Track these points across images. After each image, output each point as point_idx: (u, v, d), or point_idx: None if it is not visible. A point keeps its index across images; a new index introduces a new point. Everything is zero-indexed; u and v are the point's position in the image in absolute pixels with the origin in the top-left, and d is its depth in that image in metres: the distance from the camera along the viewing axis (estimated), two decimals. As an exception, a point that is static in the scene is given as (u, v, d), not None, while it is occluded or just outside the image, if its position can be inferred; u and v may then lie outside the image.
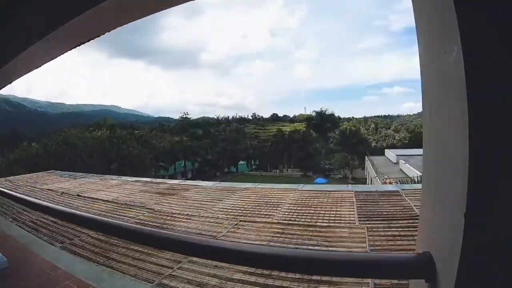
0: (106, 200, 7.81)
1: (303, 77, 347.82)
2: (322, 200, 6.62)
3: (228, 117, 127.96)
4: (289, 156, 66.62)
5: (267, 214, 5.92)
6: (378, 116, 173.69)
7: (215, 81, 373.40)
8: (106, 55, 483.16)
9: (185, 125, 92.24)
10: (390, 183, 25.21)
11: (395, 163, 40.12)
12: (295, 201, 6.57)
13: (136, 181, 10.60)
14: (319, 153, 66.31)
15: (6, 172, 23.35)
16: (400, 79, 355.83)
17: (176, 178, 58.21)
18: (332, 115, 77.26)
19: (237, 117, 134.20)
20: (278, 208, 6.12)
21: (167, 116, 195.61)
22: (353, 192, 7.24)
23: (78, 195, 8.55)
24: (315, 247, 4.33)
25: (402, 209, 5.95)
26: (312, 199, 6.68)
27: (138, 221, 6.02)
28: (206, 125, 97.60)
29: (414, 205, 6.04)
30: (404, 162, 34.60)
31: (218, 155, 65.74)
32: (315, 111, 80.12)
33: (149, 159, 47.16)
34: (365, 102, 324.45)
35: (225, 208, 6.40)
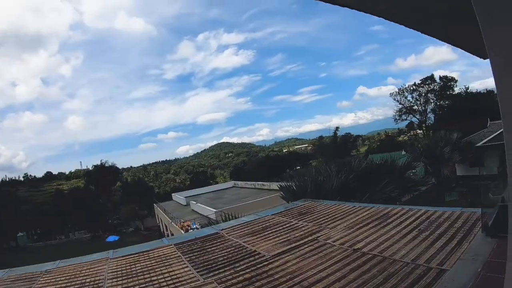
0: None
1: (76, 130, 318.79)
2: (144, 264, 5.51)
3: None
4: (74, 218, 58.79)
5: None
6: (156, 163, 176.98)
7: None
8: None
9: None
10: (188, 225, 25.44)
11: (185, 205, 40.69)
12: (115, 274, 5.21)
13: None
14: (105, 209, 61.83)
15: None
16: (174, 124, 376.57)
17: None
18: (112, 166, 73.54)
19: (7, 179, 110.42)
20: (98, 291, 4.69)
21: None
22: (173, 245, 6.45)
23: None
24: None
25: (234, 250, 5.59)
26: (133, 266, 5.48)
27: None
28: None
29: (243, 242, 5.85)
30: (195, 202, 35.42)
31: None
32: (94, 164, 75.16)
33: None
34: (142, 150, 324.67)
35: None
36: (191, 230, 24.02)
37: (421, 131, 66.86)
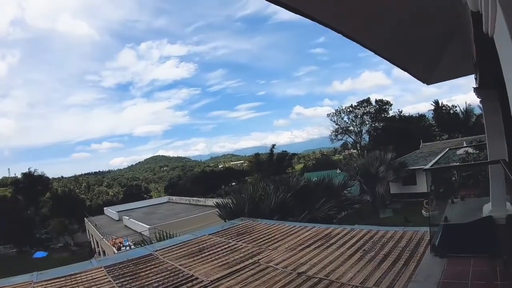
0: None
1: (7, 133, 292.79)
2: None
3: None
4: (-1, 231, 53.30)
5: None
6: (88, 173, 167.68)
7: None
8: None
9: None
10: (121, 242, 23.97)
11: (117, 220, 39.54)
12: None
13: None
14: (33, 222, 57.26)
15: None
16: (110, 135, 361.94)
17: None
18: (42, 176, 68.52)
19: None
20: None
21: None
22: (103, 268, 5.81)
23: None
24: None
25: (170, 274, 5.15)
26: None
27: None
28: None
29: (180, 265, 5.37)
30: (127, 217, 34.31)
31: None
32: (22, 172, 69.42)
33: None
34: (74, 160, 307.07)
35: None
36: (124, 248, 22.86)
37: (356, 151, 69.92)
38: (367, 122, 65.90)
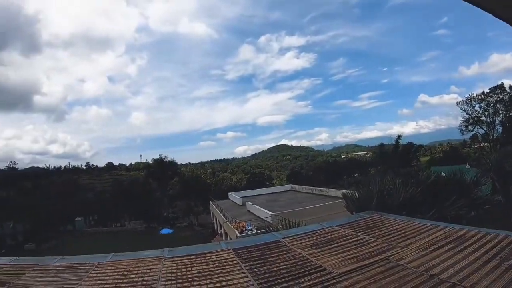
0: None
1: (139, 125, 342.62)
2: (201, 268, 5.28)
3: (60, 167, 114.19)
4: (130, 208, 61.80)
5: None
6: (214, 161, 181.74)
7: (48, 127, 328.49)
8: None
9: (12, 176, 75.86)
10: (243, 226, 25.45)
11: (241, 205, 40.87)
12: (169, 275, 5.07)
13: None
14: (162, 202, 64.25)
15: None
16: (234, 125, 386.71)
17: (5, 243, 47.43)
18: (172, 161, 76.09)
19: (70, 167, 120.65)
20: (151, 291, 4.61)
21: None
22: (231, 250, 6.13)
23: None
24: None
25: (298, 262, 5.17)
26: (189, 269, 5.28)
27: None
28: (35, 176, 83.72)
29: (307, 254, 5.42)
30: (251, 203, 35.35)
31: (52, 211, 56.62)
32: (153, 158, 78.56)
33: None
34: (201, 148, 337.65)
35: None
36: (246, 232, 24.05)
37: (487, 144, 61.88)
38: (501, 112, 58.35)
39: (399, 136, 52.85)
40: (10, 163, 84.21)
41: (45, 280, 5.35)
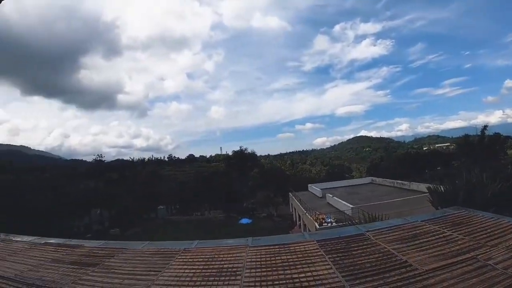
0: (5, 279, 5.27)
1: (218, 118, 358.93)
2: (285, 257, 5.27)
3: (144, 159, 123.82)
4: (211, 198, 64.63)
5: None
6: (293, 152, 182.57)
7: (132, 123, 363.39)
8: (18, 91, 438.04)
9: (99, 168, 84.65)
10: (323, 218, 25.30)
11: (320, 197, 40.66)
12: (254, 263, 5.14)
13: (45, 243, 7.97)
14: (241, 193, 66.04)
15: None
16: (312, 116, 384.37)
17: (92, 228, 53.27)
18: (252, 153, 77.70)
19: (153, 159, 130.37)
20: (237, 277, 4.73)
21: (80, 159, 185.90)
22: (315, 241, 6.00)
23: None
24: None
25: (383, 256, 4.93)
26: (273, 258, 5.30)
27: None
28: (121, 168, 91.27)
29: (393, 249, 5.15)
30: (331, 195, 35.02)
31: (136, 200, 61.32)
32: (233, 150, 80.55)
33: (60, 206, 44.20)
34: (279, 139, 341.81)
35: (169, 284, 4.69)
36: (325, 224, 23.89)
37: None
38: None
39: (485, 127, 47.98)
40: (98, 156, 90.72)
41: (133, 263, 5.73)
